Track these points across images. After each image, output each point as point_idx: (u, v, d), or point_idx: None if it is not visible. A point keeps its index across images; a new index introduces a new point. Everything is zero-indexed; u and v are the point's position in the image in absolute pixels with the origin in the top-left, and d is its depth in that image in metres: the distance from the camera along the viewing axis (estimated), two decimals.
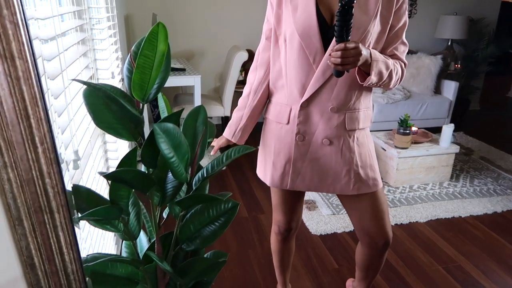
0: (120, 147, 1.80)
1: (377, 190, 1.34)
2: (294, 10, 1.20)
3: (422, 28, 4.58)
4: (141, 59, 0.81)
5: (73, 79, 0.73)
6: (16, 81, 0.52)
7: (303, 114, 1.27)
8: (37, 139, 0.57)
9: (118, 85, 2.01)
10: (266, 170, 1.41)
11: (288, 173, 1.35)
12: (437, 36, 4.51)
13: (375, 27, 1.18)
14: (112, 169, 1.73)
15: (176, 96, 3.67)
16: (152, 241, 1.08)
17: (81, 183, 1.07)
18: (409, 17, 1.26)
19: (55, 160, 0.61)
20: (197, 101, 3.14)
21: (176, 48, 3.91)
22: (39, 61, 0.83)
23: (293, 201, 1.49)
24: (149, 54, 0.82)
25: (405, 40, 1.28)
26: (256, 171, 1.51)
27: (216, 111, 3.44)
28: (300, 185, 1.36)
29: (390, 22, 1.20)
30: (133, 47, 0.91)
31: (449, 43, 4.50)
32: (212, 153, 1.40)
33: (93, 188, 1.20)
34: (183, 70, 3.22)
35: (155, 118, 3.57)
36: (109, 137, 1.68)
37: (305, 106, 1.26)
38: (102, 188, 1.41)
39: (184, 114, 3.34)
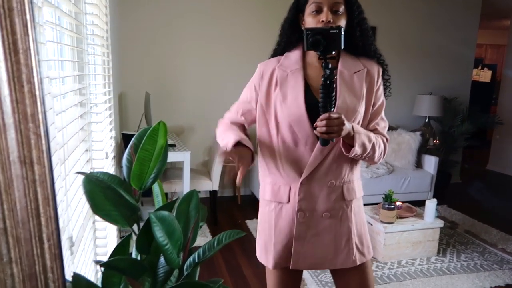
0: (108, 227, 1.81)
1: (369, 259, 1.38)
2: (284, 98, 1.28)
3: (400, 106, 4.86)
4: (141, 152, 0.88)
5: (77, 172, 0.78)
6: (32, 183, 0.58)
7: (303, 191, 1.30)
8: (44, 235, 0.61)
9: (110, 163, 2.06)
10: (268, 253, 1.39)
11: (290, 252, 1.33)
12: (415, 113, 4.78)
13: (362, 107, 1.29)
14: (100, 249, 1.72)
15: (166, 171, 3.72)
16: None
17: (72, 268, 1.08)
18: (385, 97, 1.42)
19: (59, 256, 0.64)
20: (186, 177, 3.19)
21: (167, 124, 4.04)
22: None
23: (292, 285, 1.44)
24: (149, 148, 0.88)
25: (384, 117, 1.38)
26: (245, 248, 1.49)
27: (204, 186, 3.48)
28: (303, 264, 1.35)
29: (372, 101, 1.32)
30: (133, 139, 0.98)
31: (427, 120, 4.76)
32: (237, 182, 1.19)
33: (82, 272, 1.20)
34: (173, 145, 3.31)
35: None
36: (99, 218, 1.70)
37: (305, 183, 1.30)
38: (90, 271, 1.40)
39: (171, 189, 3.37)
